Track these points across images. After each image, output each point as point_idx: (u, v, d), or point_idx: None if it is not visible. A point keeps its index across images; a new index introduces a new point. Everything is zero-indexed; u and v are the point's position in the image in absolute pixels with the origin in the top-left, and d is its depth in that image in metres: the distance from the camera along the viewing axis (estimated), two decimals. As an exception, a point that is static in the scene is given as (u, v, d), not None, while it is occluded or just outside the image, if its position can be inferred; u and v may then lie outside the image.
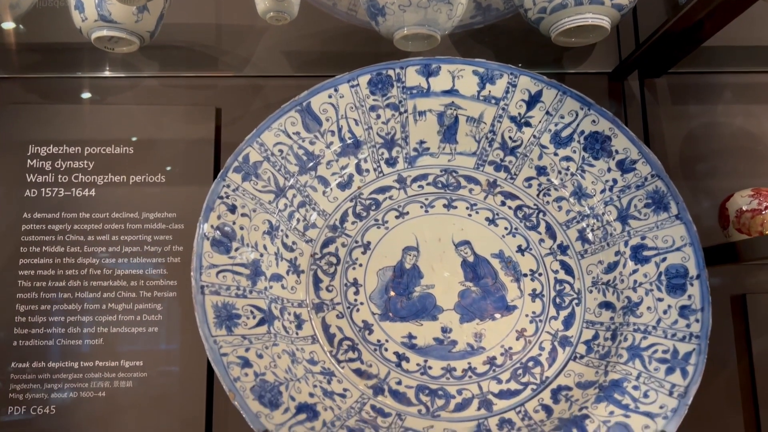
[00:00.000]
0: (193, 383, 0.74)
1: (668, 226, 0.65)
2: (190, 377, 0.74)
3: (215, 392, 0.75)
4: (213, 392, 0.75)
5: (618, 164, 0.69)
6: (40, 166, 0.77)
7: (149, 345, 0.74)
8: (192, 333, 0.74)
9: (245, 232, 0.64)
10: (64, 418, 0.72)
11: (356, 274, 0.68)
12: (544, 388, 0.63)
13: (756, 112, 0.84)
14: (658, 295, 0.63)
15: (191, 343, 0.74)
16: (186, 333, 0.75)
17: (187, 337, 0.74)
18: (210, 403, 0.74)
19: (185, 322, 0.75)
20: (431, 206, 0.72)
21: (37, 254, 0.75)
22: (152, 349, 0.74)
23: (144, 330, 0.74)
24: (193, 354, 0.74)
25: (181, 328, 0.75)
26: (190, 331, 0.74)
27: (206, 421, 0.73)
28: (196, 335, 0.72)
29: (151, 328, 0.75)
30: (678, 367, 0.59)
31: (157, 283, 0.76)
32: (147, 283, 0.75)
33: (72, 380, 0.73)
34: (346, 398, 0.60)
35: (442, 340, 0.65)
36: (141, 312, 0.75)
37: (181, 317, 0.75)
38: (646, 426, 0.56)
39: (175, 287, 0.76)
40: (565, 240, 0.70)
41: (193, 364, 0.74)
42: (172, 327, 0.75)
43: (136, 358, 0.74)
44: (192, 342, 0.74)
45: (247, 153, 0.66)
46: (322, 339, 0.64)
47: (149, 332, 0.75)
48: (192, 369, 0.74)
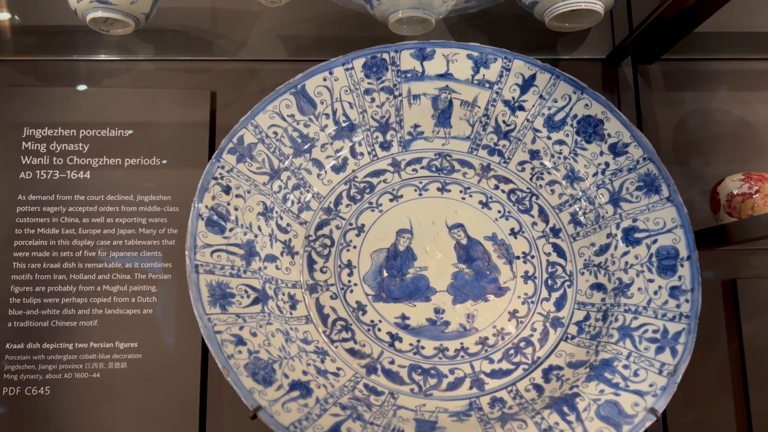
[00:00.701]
0: (187, 364, 0.74)
1: (659, 209, 0.66)
2: (184, 358, 0.74)
3: (210, 373, 0.75)
4: (207, 373, 0.75)
5: (610, 148, 0.69)
6: (35, 149, 0.77)
7: (144, 327, 0.74)
8: (186, 315, 0.75)
9: (240, 213, 0.64)
10: (58, 398, 0.72)
11: (350, 255, 0.68)
12: (535, 368, 0.64)
13: (749, 99, 0.85)
14: (649, 276, 0.64)
15: (186, 325, 0.75)
16: (180, 315, 0.75)
17: (182, 318, 0.75)
18: (204, 383, 0.75)
19: (180, 304, 0.75)
20: (425, 190, 0.72)
21: (31, 236, 0.75)
22: (147, 330, 0.74)
23: (139, 312, 0.75)
24: (187, 335, 0.74)
25: (175, 310, 0.75)
26: (185, 312, 0.75)
27: (200, 401, 0.74)
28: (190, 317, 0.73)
29: (145, 309, 0.75)
30: (668, 346, 0.60)
31: (152, 265, 0.76)
32: (142, 265, 0.76)
33: (67, 361, 0.73)
34: (340, 377, 0.61)
35: (435, 321, 0.66)
36: (136, 294, 0.75)
37: (175, 299, 0.75)
38: (636, 404, 0.57)
39: (169, 269, 0.76)
40: (558, 223, 0.71)
41: (188, 346, 0.74)
42: (166, 309, 0.75)
43: (130, 340, 0.74)
44: (186, 324, 0.75)
45: (241, 135, 0.67)
46: (316, 319, 0.65)
47: (144, 314, 0.75)
48: (186, 350, 0.74)
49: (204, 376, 0.75)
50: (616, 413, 0.56)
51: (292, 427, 0.52)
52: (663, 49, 0.80)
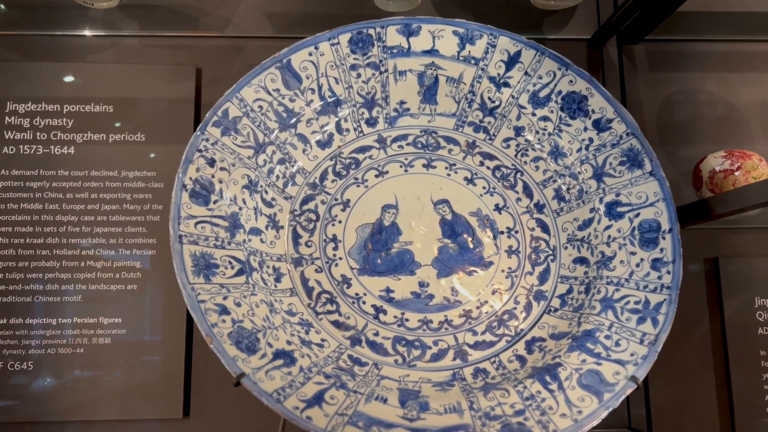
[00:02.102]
0: (172, 340, 0.74)
1: (642, 183, 0.66)
2: (169, 334, 0.74)
3: (194, 348, 0.75)
4: (192, 349, 0.75)
5: (594, 123, 0.70)
6: (19, 123, 0.77)
7: (128, 302, 0.74)
8: (171, 290, 0.75)
9: (224, 186, 0.64)
10: (41, 373, 0.72)
11: (335, 230, 0.69)
12: (518, 340, 0.64)
13: (731, 80, 0.86)
14: (631, 249, 0.65)
15: (170, 300, 0.74)
16: (165, 290, 0.75)
17: (166, 294, 0.75)
18: (189, 359, 0.75)
19: (164, 279, 0.75)
20: (411, 166, 0.73)
21: (15, 211, 0.75)
22: (131, 306, 0.74)
23: (123, 287, 0.75)
24: (172, 311, 0.74)
25: (160, 286, 0.75)
26: (170, 288, 0.75)
27: (185, 376, 0.74)
28: (175, 292, 0.73)
29: (130, 285, 0.75)
30: (649, 316, 0.60)
31: (137, 241, 0.76)
32: (126, 241, 0.75)
33: (50, 336, 0.73)
34: (324, 348, 0.61)
35: (420, 294, 0.66)
36: (120, 269, 0.75)
37: (160, 275, 0.75)
38: (617, 372, 0.57)
39: (154, 245, 0.76)
40: (542, 199, 0.71)
41: (172, 321, 0.74)
42: (151, 284, 0.75)
43: (114, 315, 0.74)
44: (171, 299, 0.74)
45: (226, 108, 0.66)
46: (301, 292, 0.65)
47: (128, 290, 0.75)
48: (171, 326, 0.74)
49: (189, 352, 0.75)
50: (597, 382, 0.57)
51: (275, 394, 0.52)
52: (647, 29, 0.81)
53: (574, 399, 0.56)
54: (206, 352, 0.75)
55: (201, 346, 0.75)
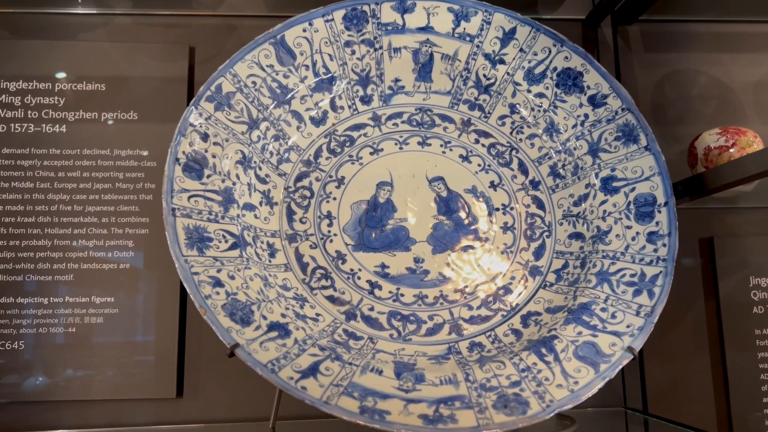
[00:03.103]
0: (164, 319, 0.73)
1: (638, 158, 0.66)
2: (161, 313, 0.73)
3: (187, 328, 0.74)
4: (185, 328, 0.74)
5: (589, 99, 0.70)
6: (9, 101, 0.76)
7: (121, 281, 0.74)
8: (164, 269, 0.74)
9: (217, 161, 0.64)
10: (33, 353, 0.71)
11: (330, 207, 0.68)
12: (513, 314, 0.64)
13: (725, 61, 0.86)
14: (627, 223, 0.64)
15: (163, 280, 0.74)
16: (158, 269, 0.74)
17: (159, 273, 0.74)
18: (182, 338, 0.74)
19: (157, 257, 0.74)
20: (406, 143, 0.72)
21: (5, 190, 0.74)
22: (124, 285, 0.74)
23: (115, 266, 0.74)
24: (165, 290, 0.74)
25: (152, 265, 0.74)
26: (162, 266, 0.74)
27: (178, 356, 0.73)
28: (168, 271, 0.72)
29: (122, 264, 0.74)
30: (645, 289, 0.60)
31: (129, 220, 0.75)
32: (118, 220, 0.75)
33: (41, 316, 0.72)
34: (319, 322, 0.61)
35: (415, 270, 0.66)
36: (112, 248, 0.74)
37: (152, 253, 0.74)
38: (613, 344, 0.57)
39: (146, 224, 0.75)
40: (537, 176, 0.71)
41: (165, 300, 0.74)
42: (144, 264, 0.74)
43: (107, 294, 0.73)
44: (164, 278, 0.74)
45: (219, 83, 0.66)
46: (295, 267, 0.64)
47: (121, 269, 0.74)
48: (164, 305, 0.74)
49: (182, 332, 0.74)
50: (593, 353, 0.56)
51: (269, 365, 0.52)
52: (642, 9, 0.81)
53: (571, 370, 0.55)
54: (200, 332, 0.75)
55: (194, 326, 0.75)
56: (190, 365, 0.74)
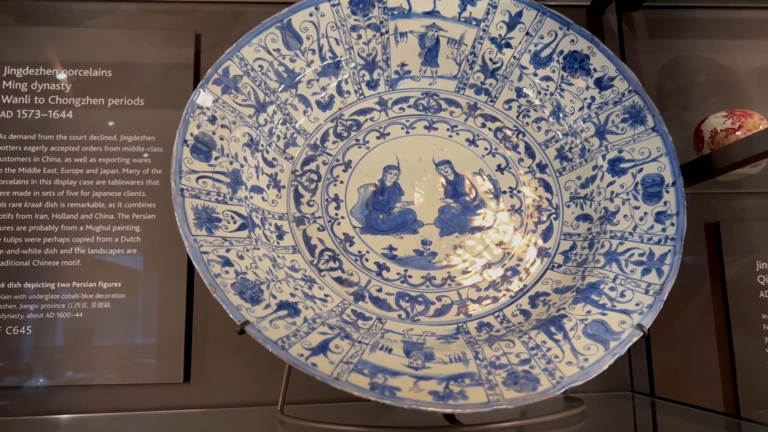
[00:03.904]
0: (172, 305, 0.73)
1: (645, 139, 0.66)
2: (169, 299, 0.73)
3: (195, 314, 0.74)
4: (192, 314, 0.74)
5: (596, 82, 0.70)
6: (16, 88, 0.76)
7: (128, 267, 0.74)
8: (172, 255, 0.74)
9: (225, 143, 0.64)
10: (40, 338, 0.71)
11: (337, 190, 0.68)
12: (522, 295, 0.64)
13: (730, 47, 0.86)
14: (635, 204, 0.64)
15: (171, 265, 0.74)
16: (165, 255, 0.74)
17: (167, 259, 0.74)
18: (189, 324, 0.74)
19: (164, 244, 0.74)
20: (412, 128, 0.72)
21: (12, 175, 0.74)
22: (131, 270, 0.74)
23: (122, 252, 0.74)
24: (172, 276, 0.74)
25: (160, 251, 0.74)
26: (170, 253, 0.74)
27: (185, 342, 0.73)
28: (175, 257, 0.72)
29: (129, 250, 0.74)
30: (654, 267, 0.60)
31: (136, 205, 0.75)
32: (125, 205, 0.75)
33: (48, 301, 0.72)
34: (327, 303, 0.61)
35: (422, 252, 0.66)
36: (119, 234, 0.74)
37: (160, 239, 0.74)
38: (623, 322, 0.57)
39: (153, 210, 0.75)
40: (544, 159, 0.71)
41: (173, 286, 0.74)
42: (151, 249, 0.74)
43: (114, 280, 0.73)
44: (171, 264, 0.74)
45: (227, 66, 0.66)
46: (303, 250, 0.64)
47: (128, 254, 0.74)
48: (171, 290, 0.74)
49: (189, 317, 0.74)
50: (603, 331, 0.56)
51: (280, 342, 0.52)
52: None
53: (580, 348, 0.55)
54: (206, 318, 0.75)
55: (201, 312, 0.75)
56: (197, 351, 0.74)
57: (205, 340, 0.74)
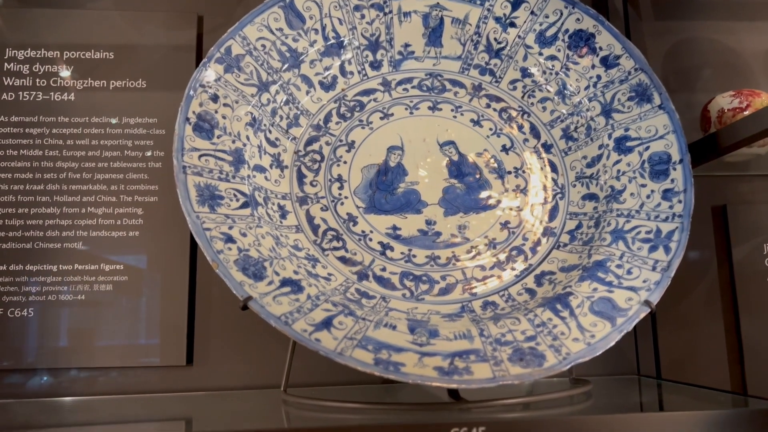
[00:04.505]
0: (174, 287, 0.73)
1: (651, 117, 0.65)
2: (171, 281, 0.73)
3: (197, 298, 0.74)
4: (195, 298, 0.74)
5: (602, 61, 0.69)
6: (18, 70, 0.75)
7: (130, 249, 0.73)
8: (174, 237, 0.74)
9: (228, 122, 0.63)
10: (42, 320, 0.71)
11: (340, 170, 0.68)
12: (527, 275, 0.63)
13: (736, 29, 0.85)
14: (642, 182, 0.64)
15: (173, 248, 0.73)
16: (167, 237, 0.74)
17: (169, 241, 0.74)
18: (192, 308, 0.73)
19: (167, 226, 0.74)
20: (416, 108, 0.72)
21: (14, 157, 0.74)
22: (133, 253, 0.73)
23: (125, 234, 0.73)
24: (174, 259, 0.73)
25: (162, 233, 0.74)
26: (172, 235, 0.74)
27: (188, 325, 0.72)
28: (177, 240, 0.72)
29: (132, 232, 0.74)
30: (661, 245, 0.59)
31: (138, 187, 0.74)
32: (127, 187, 0.74)
33: (51, 283, 0.72)
34: (331, 281, 0.60)
35: (427, 232, 0.65)
36: (121, 216, 0.74)
37: (162, 222, 0.74)
38: (630, 298, 0.56)
39: (156, 192, 0.75)
40: (549, 139, 0.70)
41: (175, 269, 0.73)
42: (153, 231, 0.74)
43: (116, 262, 0.73)
44: (174, 247, 0.73)
45: (229, 45, 0.65)
46: (307, 229, 0.64)
47: (130, 236, 0.74)
48: (173, 273, 0.73)
49: (192, 300, 0.74)
50: (609, 308, 0.56)
51: (283, 317, 0.51)
52: (653, -25, 0.80)
53: (587, 324, 0.55)
54: (209, 301, 0.74)
55: (204, 294, 0.74)
56: (199, 334, 0.73)
57: (207, 324, 0.73)
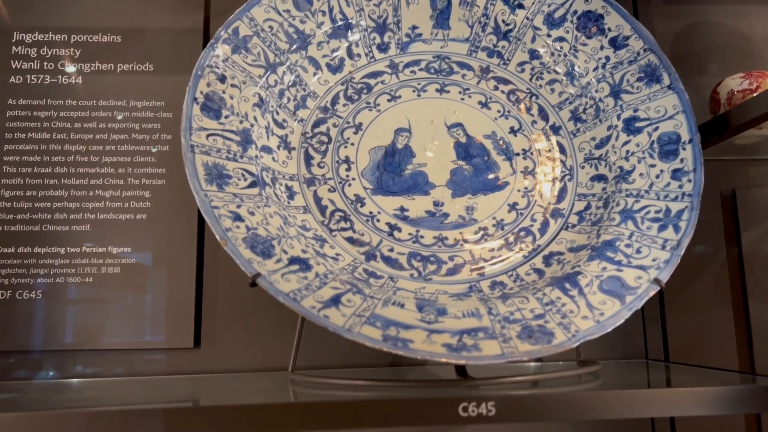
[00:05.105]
0: (181, 270, 0.73)
1: (661, 97, 0.65)
2: (178, 264, 0.73)
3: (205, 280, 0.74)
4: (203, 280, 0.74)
5: (611, 42, 0.69)
6: (26, 53, 0.76)
7: (137, 232, 0.73)
8: (181, 220, 0.74)
9: (235, 102, 0.63)
10: (50, 302, 0.71)
11: (348, 152, 0.67)
12: (535, 255, 0.63)
13: (746, 12, 0.84)
14: (651, 162, 0.63)
15: (180, 231, 0.73)
16: (175, 220, 0.74)
17: (176, 223, 0.74)
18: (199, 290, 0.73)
19: (174, 209, 0.74)
20: (424, 90, 0.71)
21: (22, 140, 0.74)
22: (140, 235, 0.73)
23: (132, 217, 0.74)
24: (182, 241, 0.73)
25: (169, 216, 0.74)
26: (179, 218, 0.74)
27: (195, 307, 0.73)
28: (184, 222, 0.72)
29: (139, 215, 0.74)
30: (670, 224, 0.59)
31: (145, 170, 0.74)
32: (135, 170, 0.74)
33: (59, 266, 0.72)
34: (339, 261, 0.60)
35: (434, 213, 0.65)
36: (129, 199, 0.74)
37: (169, 204, 0.74)
38: (639, 277, 0.56)
39: (163, 175, 0.75)
40: (558, 121, 0.70)
41: (182, 251, 0.73)
42: (160, 214, 0.74)
43: (123, 245, 0.73)
44: (181, 229, 0.73)
45: (236, 26, 0.65)
46: (314, 210, 0.64)
47: (137, 219, 0.74)
48: (181, 255, 0.73)
49: (199, 282, 0.74)
50: (619, 286, 0.56)
51: (291, 294, 0.51)
52: (662, -43, 0.79)
53: (596, 303, 0.54)
54: (216, 283, 0.74)
55: (211, 277, 0.74)
56: (207, 316, 0.73)
57: (215, 307, 0.74)
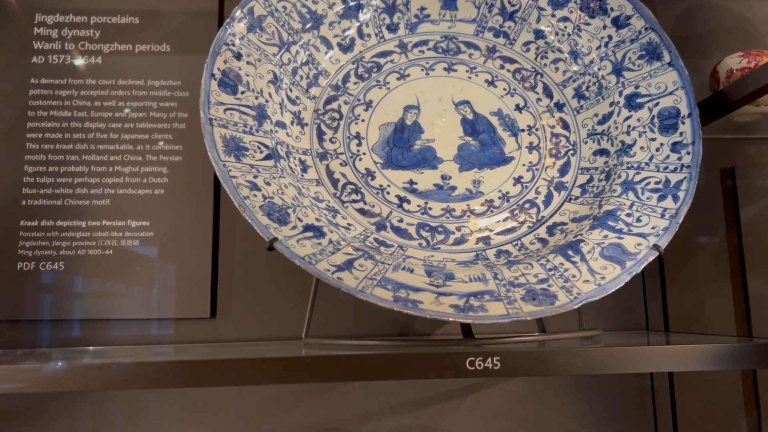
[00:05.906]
0: (198, 243, 0.76)
1: (661, 74, 0.67)
2: (195, 237, 0.76)
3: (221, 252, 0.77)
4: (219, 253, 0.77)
5: (613, 21, 0.71)
6: (47, 34, 0.78)
7: (155, 206, 0.76)
8: (198, 195, 0.76)
9: (251, 79, 0.66)
10: (72, 274, 0.74)
11: (358, 128, 0.70)
12: (539, 226, 0.65)
13: (747, -5, 0.86)
14: (651, 136, 0.66)
15: (197, 205, 0.76)
16: (191, 195, 0.76)
17: (193, 198, 0.76)
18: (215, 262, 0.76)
19: (191, 184, 0.76)
20: (432, 69, 0.74)
21: (44, 118, 0.76)
22: (159, 210, 0.76)
23: (150, 192, 0.76)
24: (199, 216, 0.76)
25: (186, 191, 0.76)
26: (196, 193, 0.76)
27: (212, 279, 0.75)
28: (201, 197, 0.75)
29: (157, 190, 0.76)
30: (670, 194, 0.61)
31: (163, 147, 0.77)
32: (152, 147, 0.77)
33: (80, 238, 0.75)
34: (351, 231, 0.63)
35: (442, 186, 0.67)
36: (147, 175, 0.76)
37: (186, 180, 0.76)
38: (639, 244, 0.58)
39: (180, 152, 0.77)
40: (562, 98, 0.72)
41: (199, 225, 0.76)
42: (177, 190, 0.76)
43: (142, 219, 0.76)
44: (198, 203, 0.76)
45: (251, 6, 0.68)
46: (327, 183, 0.66)
47: (155, 194, 0.76)
48: (197, 229, 0.76)
49: (215, 255, 0.76)
50: (619, 253, 0.58)
51: (307, 258, 0.54)
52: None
53: (597, 268, 0.57)
54: (232, 256, 0.77)
55: (227, 250, 0.77)
56: (223, 287, 0.76)
57: (230, 278, 0.76)
